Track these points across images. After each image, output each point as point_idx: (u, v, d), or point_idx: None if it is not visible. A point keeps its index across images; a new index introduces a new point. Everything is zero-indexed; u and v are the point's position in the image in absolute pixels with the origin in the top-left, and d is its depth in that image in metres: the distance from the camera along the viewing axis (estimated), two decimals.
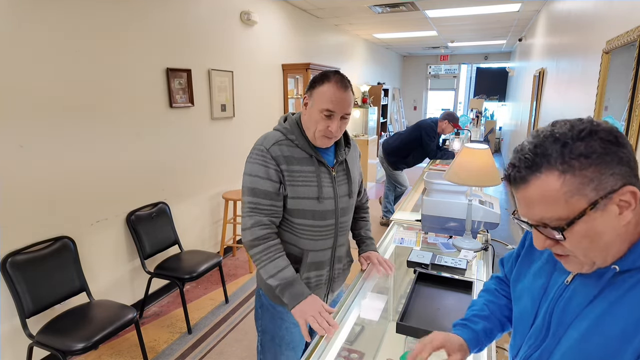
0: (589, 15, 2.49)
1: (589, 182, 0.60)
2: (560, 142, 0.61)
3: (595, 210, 0.60)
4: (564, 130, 0.62)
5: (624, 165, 0.60)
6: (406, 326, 1.22)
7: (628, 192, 0.60)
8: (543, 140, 0.63)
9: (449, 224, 2.03)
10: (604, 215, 0.61)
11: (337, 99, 1.21)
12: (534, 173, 0.62)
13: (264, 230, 1.25)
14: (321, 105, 1.21)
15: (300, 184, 1.26)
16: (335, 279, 1.44)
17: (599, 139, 0.60)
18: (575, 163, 0.60)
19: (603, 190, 0.60)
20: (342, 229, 1.40)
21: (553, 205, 0.62)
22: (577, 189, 0.60)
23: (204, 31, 3.32)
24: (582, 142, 0.60)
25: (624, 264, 0.64)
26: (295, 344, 1.42)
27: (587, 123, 0.62)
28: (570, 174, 0.60)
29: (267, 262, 1.24)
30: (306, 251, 1.33)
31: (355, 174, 1.43)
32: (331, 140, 1.29)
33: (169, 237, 2.97)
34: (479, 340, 0.96)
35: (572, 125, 0.62)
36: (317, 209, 1.29)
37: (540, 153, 0.62)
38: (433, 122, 4.26)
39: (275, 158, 1.24)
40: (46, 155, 2.20)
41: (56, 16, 2.18)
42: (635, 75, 1.55)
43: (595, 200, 0.60)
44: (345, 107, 1.23)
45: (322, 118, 1.22)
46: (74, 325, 2.04)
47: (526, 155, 0.63)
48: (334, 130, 1.23)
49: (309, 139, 1.29)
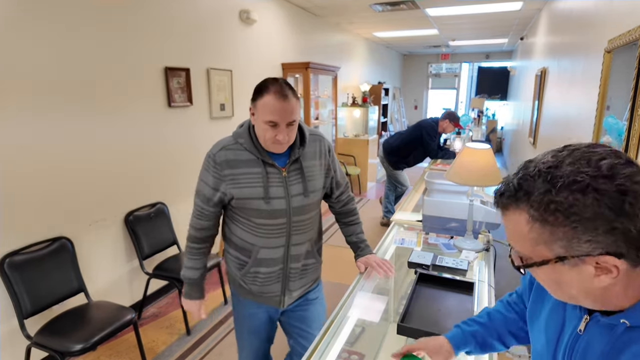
0: (590, 14, 2.47)
1: (557, 240, 0.53)
2: (548, 185, 0.53)
3: (563, 264, 0.54)
4: (563, 172, 0.53)
5: (614, 236, 0.51)
6: (407, 327, 1.21)
7: (607, 261, 0.52)
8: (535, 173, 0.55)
9: (450, 224, 2.01)
10: (574, 270, 0.55)
11: (277, 110, 1.22)
12: (512, 204, 0.58)
13: (193, 232, 1.44)
14: (264, 117, 1.24)
15: (245, 186, 1.31)
16: (291, 277, 1.44)
17: (594, 199, 0.50)
18: (550, 217, 0.53)
19: (574, 252, 0.53)
20: (297, 228, 1.39)
21: (520, 241, 0.58)
22: (543, 241, 0.54)
23: (203, 30, 3.30)
24: (569, 196, 0.51)
25: (633, 319, 0.57)
26: (255, 329, 1.56)
27: (595, 170, 0.51)
28: (540, 225, 0.54)
29: (186, 257, 1.48)
30: (257, 247, 1.38)
31: (313, 171, 1.40)
32: (284, 146, 1.31)
33: (167, 237, 2.95)
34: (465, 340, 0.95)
35: (579, 169, 0.52)
36: (265, 208, 1.32)
37: (525, 188, 0.56)
38: (434, 121, 4.24)
39: (219, 164, 1.31)
40: (44, 155, 2.19)
41: (56, 16, 2.16)
42: (637, 75, 1.54)
43: (564, 256, 0.54)
44: (287, 116, 1.23)
45: (268, 128, 1.24)
46: (73, 326, 2.03)
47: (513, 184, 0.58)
48: (282, 139, 1.26)
49: (262, 144, 1.31)
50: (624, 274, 0.53)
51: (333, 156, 1.51)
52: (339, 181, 1.54)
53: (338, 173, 1.53)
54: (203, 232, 1.44)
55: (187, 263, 1.47)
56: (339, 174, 1.54)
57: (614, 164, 0.52)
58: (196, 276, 1.47)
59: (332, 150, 1.51)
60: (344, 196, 1.59)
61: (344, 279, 3.36)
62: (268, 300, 1.47)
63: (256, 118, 1.28)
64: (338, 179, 1.53)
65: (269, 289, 1.44)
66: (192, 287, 1.48)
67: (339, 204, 1.59)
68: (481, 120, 8.88)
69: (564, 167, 0.53)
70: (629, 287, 0.56)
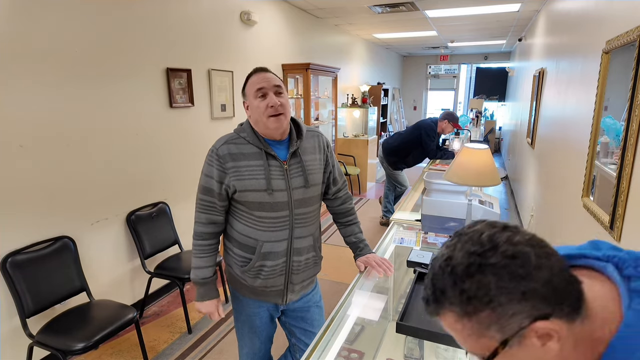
0: (588, 15, 2.49)
1: (488, 325, 0.53)
2: (452, 277, 0.54)
3: (510, 347, 0.53)
4: (458, 260, 0.54)
5: (529, 301, 0.51)
6: (406, 326, 1.23)
7: (540, 327, 0.52)
8: (440, 271, 0.56)
9: (448, 223, 2.03)
10: (523, 350, 0.53)
11: (260, 79, 1.34)
12: (439, 308, 0.57)
13: (200, 228, 1.42)
14: (252, 91, 1.34)
15: (247, 178, 1.34)
16: (294, 270, 1.46)
17: (492, 274, 0.52)
18: (469, 307, 0.53)
19: (509, 330, 0.52)
20: (299, 221, 1.42)
21: (465, 341, 0.57)
22: (479, 332, 0.54)
23: (204, 31, 3.32)
24: (471, 280, 0.52)
25: None
26: (256, 328, 1.56)
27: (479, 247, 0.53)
28: (467, 318, 0.54)
29: (194, 257, 1.44)
30: (261, 242, 1.39)
31: (312, 164, 1.44)
32: (281, 120, 1.34)
33: (169, 237, 2.97)
34: None
35: (468, 250, 0.54)
36: (267, 200, 1.35)
37: (439, 288, 0.56)
38: (433, 122, 4.26)
39: (222, 157, 1.34)
40: (46, 154, 2.21)
41: (56, 17, 2.18)
42: (635, 75, 1.55)
43: (505, 339, 0.53)
44: (271, 81, 1.35)
45: (260, 101, 1.33)
46: (74, 325, 2.04)
47: (429, 289, 0.58)
48: (274, 103, 1.32)
49: (263, 135, 1.38)
50: (568, 333, 0.53)
51: (331, 151, 1.55)
52: (336, 177, 1.57)
53: (336, 169, 1.57)
54: (213, 227, 1.43)
55: (198, 263, 1.44)
56: (337, 170, 1.58)
57: (491, 234, 0.54)
58: (209, 274, 1.45)
59: (330, 145, 1.55)
60: (342, 193, 1.62)
61: (344, 278, 3.37)
62: (270, 296, 1.48)
63: (250, 103, 1.36)
64: (336, 175, 1.57)
65: (273, 282, 1.44)
66: (206, 287, 1.46)
67: (337, 201, 1.61)
68: (479, 121, 8.90)
69: (457, 254, 0.55)
70: (578, 345, 0.54)
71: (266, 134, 1.37)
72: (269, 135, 1.38)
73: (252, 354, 1.61)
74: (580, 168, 2.21)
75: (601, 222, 1.80)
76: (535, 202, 3.92)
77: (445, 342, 1.18)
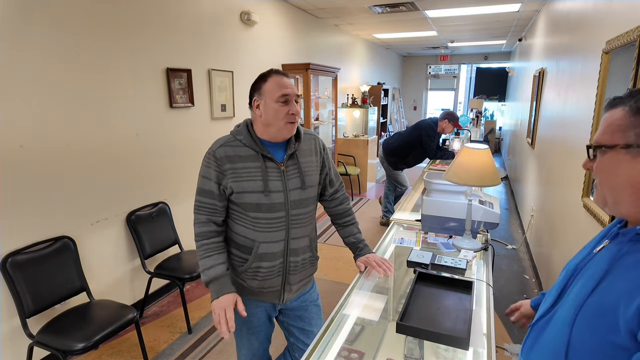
0: (588, 16, 2.49)
1: (634, 127, 0.67)
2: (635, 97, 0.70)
3: (627, 152, 0.67)
4: None
5: None
6: (406, 326, 1.23)
7: None
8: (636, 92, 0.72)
9: (448, 224, 2.03)
10: (632, 161, 0.67)
11: (285, 85, 1.34)
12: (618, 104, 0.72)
13: (202, 228, 1.40)
14: (275, 95, 1.32)
15: (245, 179, 1.35)
16: (291, 271, 1.46)
17: None
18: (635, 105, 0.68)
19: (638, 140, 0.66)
20: (295, 222, 1.42)
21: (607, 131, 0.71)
22: (625, 127, 0.68)
23: (204, 31, 3.32)
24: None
25: None
26: (254, 329, 1.56)
27: None
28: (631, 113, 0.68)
29: (201, 259, 1.39)
30: (257, 242, 1.39)
31: (309, 166, 1.45)
32: (295, 126, 1.38)
33: (169, 237, 2.97)
34: None
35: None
36: (264, 201, 1.36)
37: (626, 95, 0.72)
38: (433, 122, 4.26)
39: (219, 159, 1.35)
40: (46, 154, 2.21)
41: (56, 16, 2.18)
42: (635, 75, 1.55)
43: (630, 144, 0.67)
44: (295, 89, 1.37)
45: (281, 105, 1.33)
46: (74, 325, 2.04)
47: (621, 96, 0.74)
48: (296, 111, 1.34)
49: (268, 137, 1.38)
50: None
51: (327, 154, 1.56)
52: (332, 179, 1.58)
53: (332, 170, 1.58)
54: (215, 226, 1.42)
55: (207, 263, 1.37)
56: (333, 171, 1.59)
57: None
58: (221, 271, 1.37)
59: (326, 148, 1.57)
60: (339, 194, 1.63)
61: (344, 278, 3.37)
62: (267, 296, 1.49)
63: (264, 104, 1.34)
64: (332, 177, 1.58)
65: (270, 283, 1.45)
66: (221, 282, 1.37)
67: (334, 202, 1.62)
68: (479, 121, 8.90)
69: None
70: None
71: (272, 136, 1.38)
72: (274, 138, 1.38)
73: (250, 354, 1.61)
74: (580, 168, 2.21)
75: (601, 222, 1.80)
76: (535, 202, 3.92)
77: (445, 342, 1.18)
